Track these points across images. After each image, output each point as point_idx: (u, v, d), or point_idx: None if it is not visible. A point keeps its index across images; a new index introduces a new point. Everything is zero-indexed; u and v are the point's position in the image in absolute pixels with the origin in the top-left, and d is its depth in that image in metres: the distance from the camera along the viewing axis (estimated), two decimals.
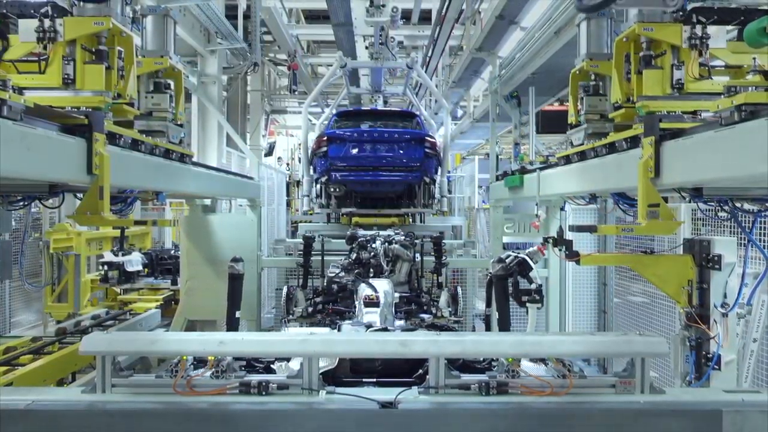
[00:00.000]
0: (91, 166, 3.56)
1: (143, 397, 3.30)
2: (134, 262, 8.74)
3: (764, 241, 5.07)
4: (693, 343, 4.29)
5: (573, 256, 4.56)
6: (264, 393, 3.28)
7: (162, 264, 9.56)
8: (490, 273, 5.34)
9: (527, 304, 5.12)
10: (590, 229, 5.02)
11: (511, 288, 5.17)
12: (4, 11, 3.95)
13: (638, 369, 3.37)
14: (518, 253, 5.21)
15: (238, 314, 5.75)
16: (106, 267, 8.47)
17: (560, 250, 4.71)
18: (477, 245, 9.58)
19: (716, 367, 4.17)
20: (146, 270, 9.30)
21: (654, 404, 3.26)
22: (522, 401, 3.26)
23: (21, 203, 5.16)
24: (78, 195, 4.91)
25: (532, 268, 5.13)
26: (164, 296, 9.58)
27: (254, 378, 3.37)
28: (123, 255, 8.69)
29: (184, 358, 3.48)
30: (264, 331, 8.17)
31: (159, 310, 8.95)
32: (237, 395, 3.29)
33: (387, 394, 3.25)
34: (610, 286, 8.28)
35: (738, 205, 4.18)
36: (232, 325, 5.70)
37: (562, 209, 7.54)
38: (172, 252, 9.84)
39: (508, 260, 5.20)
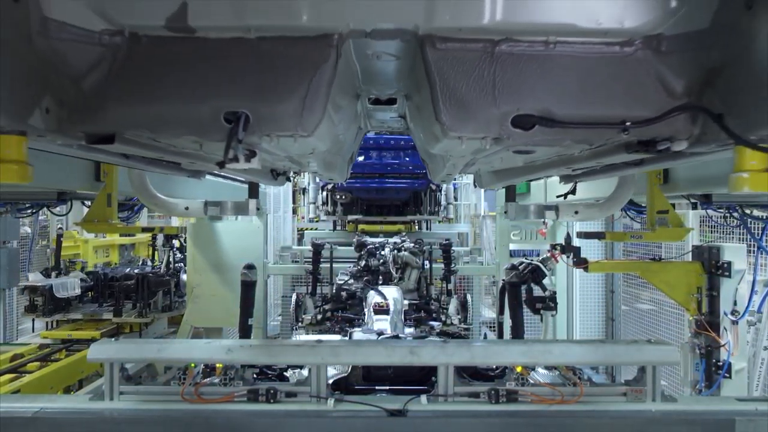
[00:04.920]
0: (99, 174, 3.58)
1: (151, 404, 3.29)
2: (69, 285, 7.04)
3: None
4: (703, 351, 4.26)
5: (581, 263, 4.54)
6: (272, 400, 3.26)
7: (112, 287, 7.68)
8: (504, 280, 5.30)
9: (541, 312, 5.09)
10: (599, 235, 4.98)
11: (525, 295, 5.14)
12: None
13: (649, 377, 3.33)
14: (531, 260, 5.18)
15: (251, 321, 5.71)
16: (27, 293, 6.86)
17: (568, 257, 4.69)
18: (483, 252, 9.55)
19: (726, 375, 4.14)
20: (91, 294, 7.69)
21: (666, 413, 3.23)
22: (531, 409, 3.23)
23: (29, 210, 5.20)
24: (86, 202, 4.93)
25: (545, 275, 5.10)
26: (104, 330, 7.31)
27: (262, 385, 3.35)
28: (56, 276, 6.94)
29: (192, 365, 3.47)
30: (271, 338, 8.15)
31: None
32: (245, 403, 3.28)
33: (396, 401, 3.23)
34: (617, 294, 8.23)
35: (747, 211, 4.17)
36: (246, 332, 5.66)
37: None
38: (127, 270, 8.06)
39: (521, 267, 5.16)
